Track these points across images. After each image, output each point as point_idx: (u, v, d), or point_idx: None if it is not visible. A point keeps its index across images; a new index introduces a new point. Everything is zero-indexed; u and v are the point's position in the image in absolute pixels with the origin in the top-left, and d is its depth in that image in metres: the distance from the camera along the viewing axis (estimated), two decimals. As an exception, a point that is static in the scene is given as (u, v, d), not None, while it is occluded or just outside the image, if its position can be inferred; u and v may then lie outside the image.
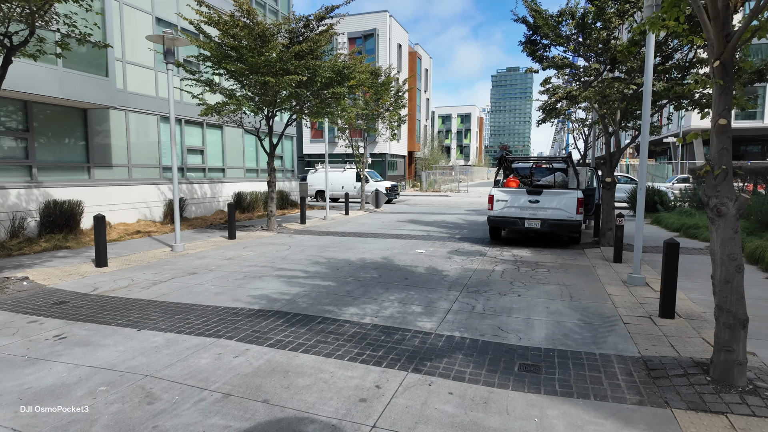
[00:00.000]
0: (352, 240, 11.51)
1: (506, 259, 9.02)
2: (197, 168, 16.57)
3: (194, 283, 7.05)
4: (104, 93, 11.80)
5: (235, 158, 18.41)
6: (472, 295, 6.40)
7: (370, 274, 7.61)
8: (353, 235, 12.47)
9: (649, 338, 4.71)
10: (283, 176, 21.75)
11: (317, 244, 10.89)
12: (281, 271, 7.82)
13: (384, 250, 10.03)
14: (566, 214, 10.03)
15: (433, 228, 13.96)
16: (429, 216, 17.79)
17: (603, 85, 10.11)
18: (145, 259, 8.92)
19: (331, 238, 11.91)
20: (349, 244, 10.78)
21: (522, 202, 10.32)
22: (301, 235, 12.34)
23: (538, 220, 10.22)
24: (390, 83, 18.90)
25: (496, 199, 10.54)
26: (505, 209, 10.47)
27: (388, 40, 45.47)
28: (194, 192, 16.21)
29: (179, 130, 15.72)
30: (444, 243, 11.05)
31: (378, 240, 11.50)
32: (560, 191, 10.17)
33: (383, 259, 8.88)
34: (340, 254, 9.47)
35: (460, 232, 13.16)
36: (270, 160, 13.19)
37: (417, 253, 9.59)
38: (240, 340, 4.59)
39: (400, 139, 49.17)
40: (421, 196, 33.95)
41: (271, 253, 9.66)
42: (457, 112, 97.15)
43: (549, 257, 9.30)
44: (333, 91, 12.00)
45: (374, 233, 12.75)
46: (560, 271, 8.00)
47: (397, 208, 22.29)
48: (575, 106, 16.65)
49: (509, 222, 10.43)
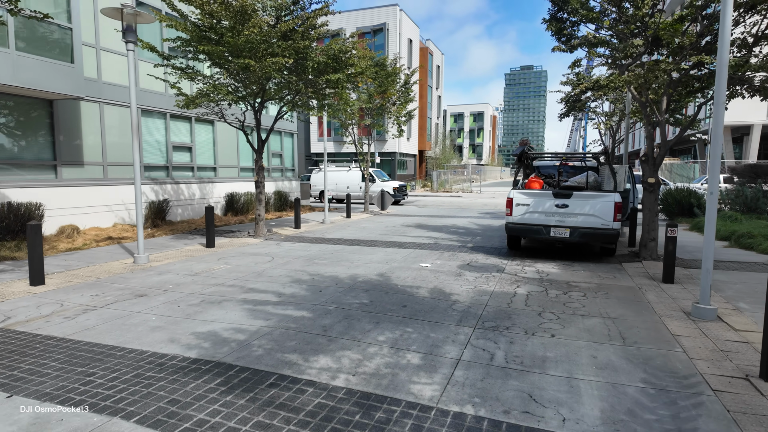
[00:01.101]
0: (347, 249, 9.96)
1: (529, 277, 7.39)
2: (185, 166, 15.18)
3: (135, 311, 5.56)
4: (69, 81, 10.43)
5: (228, 156, 17.01)
6: (490, 333, 4.81)
7: (359, 299, 6.06)
8: (350, 242, 10.93)
9: (764, 425, 3.08)
10: (283, 176, 20.32)
11: (306, 254, 9.37)
12: (250, 294, 6.30)
13: (382, 263, 8.47)
14: (601, 222, 8.36)
15: (441, 234, 12.36)
16: (438, 220, 16.18)
17: (644, 69, 8.43)
18: (95, 275, 7.48)
19: (324, 246, 10.38)
20: (342, 255, 9.24)
21: (547, 207, 8.68)
22: (290, 243, 10.84)
23: (567, 228, 8.57)
24: (396, 74, 17.32)
25: (516, 202, 8.91)
26: (526, 215, 8.83)
27: (398, 34, 43.90)
28: (181, 193, 14.83)
29: (164, 125, 14.35)
30: (454, 254, 9.45)
31: (377, 250, 9.94)
32: (594, 194, 8.50)
33: (379, 277, 7.31)
34: (328, 269, 7.93)
35: (472, 239, 11.54)
36: (257, 157, 11.71)
37: (421, 268, 8.02)
38: (140, 421, 3.07)
39: (410, 138, 47.55)
40: (431, 196, 32.32)
41: (247, 266, 8.17)
42: (469, 111, 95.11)
43: (582, 274, 7.65)
44: (328, 79, 10.46)
45: (374, 241, 11.20)
46: (600, 295, 6.36)
47: (405, 210, 20.71)
48: (603, 98, 14.91)
49: (532, 230, 8.80)
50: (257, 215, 11.72)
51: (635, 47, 8.15)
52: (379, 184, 24.67)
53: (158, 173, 14.23)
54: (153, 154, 14.02)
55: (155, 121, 14.07)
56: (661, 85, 8.31)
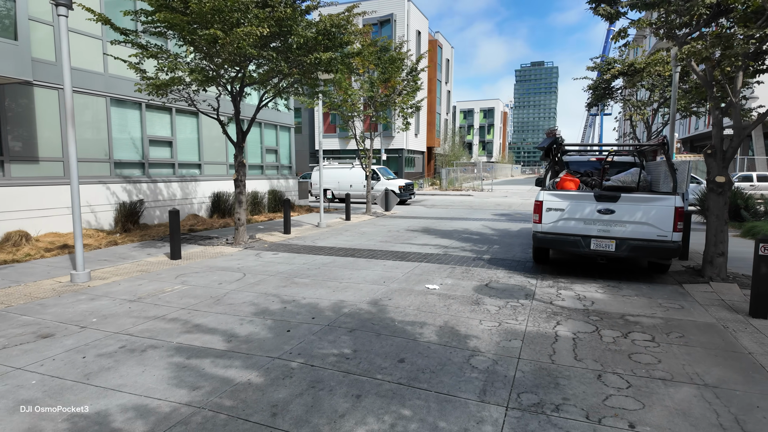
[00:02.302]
0: (338, 263, 8.25)
1: (570, 307, 5.62)
2: (164, 163, 13.57)
3: (17, 365, 3.91)
4: (11, 62, 8.83)
5: (215, 151, 15.37)
6: (532, 419, 3.07)
7: (339, 346, 4.34)
8: (344, 252, 9.22)
9: None
10: (278, 173, 18.67)
11: (286, 269, 7.68)
12: (191, 335, 4.62)
13: (378, 283, 6.74)
14: (657, 232, 6.56)
15: (452, 242, 10.60)
16: (448, 223, 14.41)
17: (707, 41, 6.60)
18: (9, 300, 5.85)
19: (311, 258, 8.68)
20: (330, 271, 7.53)
21: (587, 213, 6.89)
22: (272, 253, 9.15)
23: (612, 240, 6.78)
24: (401, 60, 15.53)
25: (548, 207, 7.13)
26: (561, 222, 7.05)
27: (406, 26, 42.08)
28: (159, 192, 13.22)
29: (139, 117, 12.74)
30: (468, 269, 7.70)
31: (374, 263, 8.21)
32: (648, 196, 6.69)
33: (371, 306, 5.59)
34: (308, 292, 6.23)
35: (488, 248, 9.77)
36: (237, 152, 10.03)
37: (427, 292, 6.28)
38: None
39: (418, 134, 45.73)
40: (440, 195, 30.52)
41: (208, 288, 6.49)
42: (479, 107, 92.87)
43: (636, 302, 5.86)
44: (318, 58, 8.74)
45: (372, 250, 9.48)
46: (674, 339, 4.58)
47: (411, 210, 18.96)
48: (639, 84, 13.01)
49: (567, 242, 7.02)
50: (237, 219, 10.04)
51: (705, 6, 6.30)
52: (384, 183, 22.96)
53: (132, 171, 12.63)
54: (126, 149, 12.42)
55: (128, 112, 12.46)
56: (736, 59, 6.46)
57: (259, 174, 17.48)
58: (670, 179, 7.06)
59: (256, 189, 16.74)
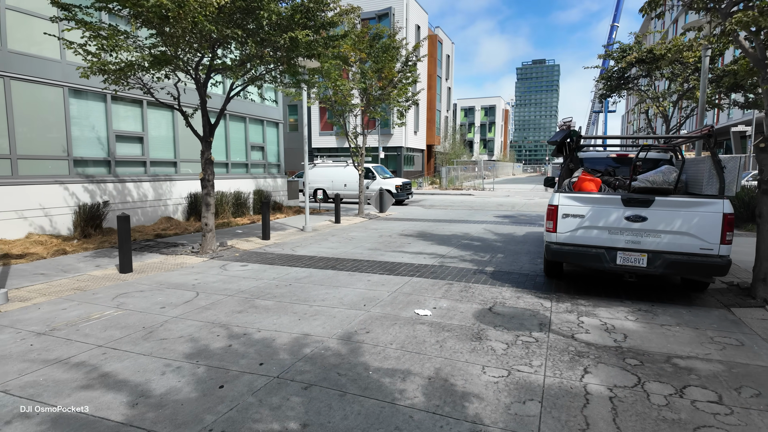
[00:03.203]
0: (315, 277, 7.01)
1: (598, 344, 4.37)
2: (133, 161, 12.33)
3: None
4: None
5: (193, 148, 14.12)
6: None
7: (284, 418, 3.08)
8: (324, 263, 7.99)
9: None
10: (265, 172, 17.42)
11: (250, 287, 6.44)
12: (86, 395, 3.38)
13: (356, 307, 5.50)
14: (701, 244, 5.31)
15: (450, 249, 9.36)
16: (446, 226, 13.16)
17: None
18: None
19: (284, 271, 7.45)
20: (302, 290, 6.29)
21: (613, 220, 5.64)
22: (241, 265, 7.92)
23: (644, 253, 5.53)
24: (396, 48, 14.26)
25: (564, 213, 5.88)
26: (580, 232, 5.80)
27: (404, 20, 40.77)
28: (127, 193, 11.99)
29: (104, 109, 11.50)
30: (467, 286, 6.46)
31: (357, 278, 6.97)
32: (687, 200, 5.44)
33: (341, 344, 4.35)
34: (266, 321, 4.99)
35: (491, 257, 8.54)
36: (204, 147, 8.79)
37: (416, 320, 5.04)
38: None
39: (417, 131, 44.46)
40: (440, 195, 29.27)
41: (147, 312, 5.26)
42: (480, 105, 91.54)
43: (680, 335, 4.62)
44: (293, 38, 7.49)
45: (358, 260, 8.24)
46: (751, 400, 3.33)
47: (408, 211, 17.72)
48: (657, 72, 11.72)
49: (588, 256, 5.77)
50: (204, 225, 8.80)
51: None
52: (380, 182, 21.73)
53: (96, 169, 11.40)
54: (88, 145, 11.19)
55: (90, 104, 11.22)
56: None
57: (243, 173, 16.24)
58: (715, 179, 5.80)
59: (240, 189, 15.50)
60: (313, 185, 23.28)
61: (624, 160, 7.90)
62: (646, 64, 11.06)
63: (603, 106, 52.89)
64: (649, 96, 12.13)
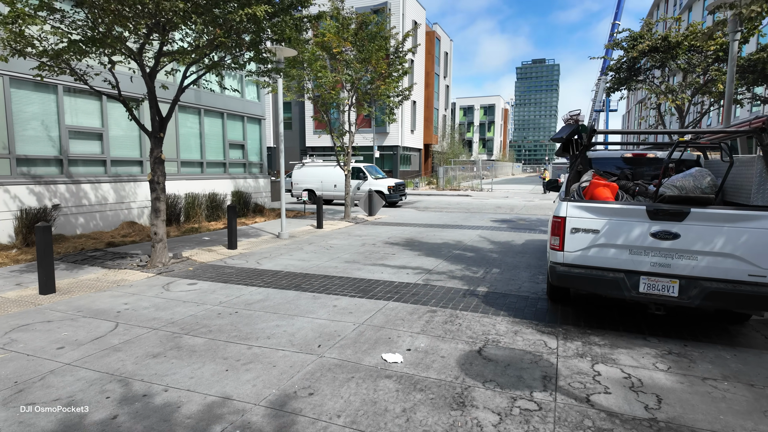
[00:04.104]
0: (270, 302, 5.82)
1: (624, 414, 3.18)
2: (91, 159, 11.12)
3: None
4: None
5: (164, 146, 12.88)
6: None
7: None
8: (289, 281, 6.79)
9: None
10: (246, 172, 16.22)
11: (184, 316, 5.24)
12: None
13: (308, 349, 4.31)
14: (751, 269, 4.13)
15: (438, 262, 8.17)
16: (438, 232, 11.97)
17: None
18: None
19: (237, 291, 6.26)
20: (248, 321, 5.10)
21: (636, 237, 4.45)
22: (189, 283, 6.72)
23: (676, 279, 4.35)
24: (385, 38, 13.06)
25: (573, 226, 4.69)
26: (594, 251, 4.61)
27: (401, 15, 39.65)
28: (83, 196, 10.79)
29: (54, 101, 10.29)
30: (454, 315, 5.27)
31: (321, 302, 5.78)
32: (734, 212, 4.25)
33: (269, 416, 3.15)
34: (182, 374, 3.80)
35: (485, 272, 7.35)
36: (153, 144, 7.59)
37: (381, 371, 3.84)
38: None
39: (414, 130, 43.25)
40: (436, 195, 28.08)
41: (35, 356, 4.06)
42: (480, 104, 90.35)
43: (732, 396, 3.43)
44: (248, 14, 6.30)
45: (329, 276, 7.04)
46: None
47: (400, 215, 16.53)
48: (671, 63, 10.51)
49: (603, 281, 4.58)
50: (152, 234, 7.60)
51: None
52: (371, 183, 20.56)
53: (45, 169, 10.20)
54: (34, 142, 9.98)
55: (38, 96, 10.02)
56: None
57: (220, 173, 15.04)
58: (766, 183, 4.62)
59: (216, 190, 14.30)
60: (302, 186, 22.12)
61: (641, 161, 6.71)
62: (660, 54, 9.88)
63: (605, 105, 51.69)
64: (663, 89, 10.87)
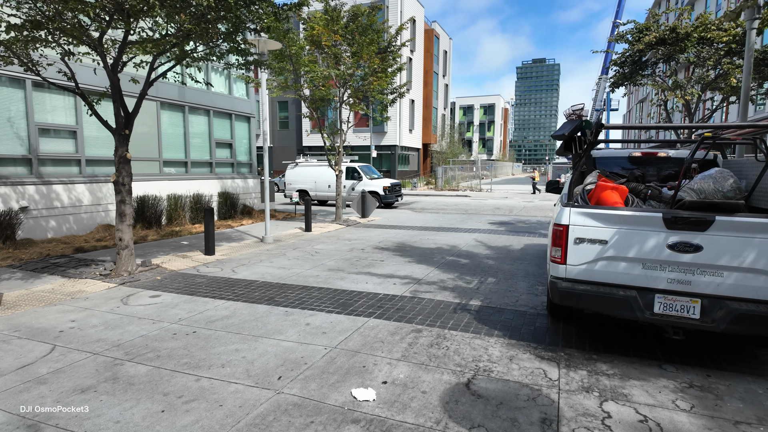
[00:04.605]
0: (236, 318, 5.20)
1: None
2: (64, 159, 10.50)
3: None
4: None
5: (143, 143, 12.30)
6: None
7: None
8: (261, 294, 6.16)
9: None
10: (234, 172, 15.59)
11: (137, 336, 4.61)
12: None
13: (265, 382, 3.69)
14: (788, 289, 3.51)
15: (430, 270, 7.54)
16: (432, 236, 11.34)
17: None
18: None
19: (201, 306, 5.63)
20: (203, 345, 4.47)
21: (650, 249, 3.82)
22: (151, 296, 6.09)
23: (697, 299, 3.73)
24: (378, 32, 12.42)
25: (578, 236, 4.06)
26: (602, 265, 3.98)
27: (399, 12, 39.01)
28: (55, 197, 10.17)
29: (23, 97, 9.67)
30: (441, 336, 4.64)
31: (293, 319, 5.15)
32: (764, 221, 3.62)
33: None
34: (107, 415, 3.16)
35: (480, 282, 6.72)
36: (117, 142, 6.97)
37: (347, 412, 3.21)
38: None
39: (413, 129, 42.60)
40: (434, 196, 27.45)
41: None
42: (479, 103, 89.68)
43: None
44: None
45: (308, 287, 6.42)
46: None
47: (394, 216, 15.90)
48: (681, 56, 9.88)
49: (612, 301, 3.94)
50: (117, 240, 6.97)
51: None
52: (366, 183, 19.95)
53: (12, 169, 9.57)
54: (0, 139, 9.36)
55: (5, 92, 9.39)
56: None
57: (206, 173, 14.41)
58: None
59: (201, 191, 13.68)
60: (295, 186, 21.52)
61: (650, 161, 6.09)
62: (668, 46, 9.25)
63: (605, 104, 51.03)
64: (669, 84, 10.21)
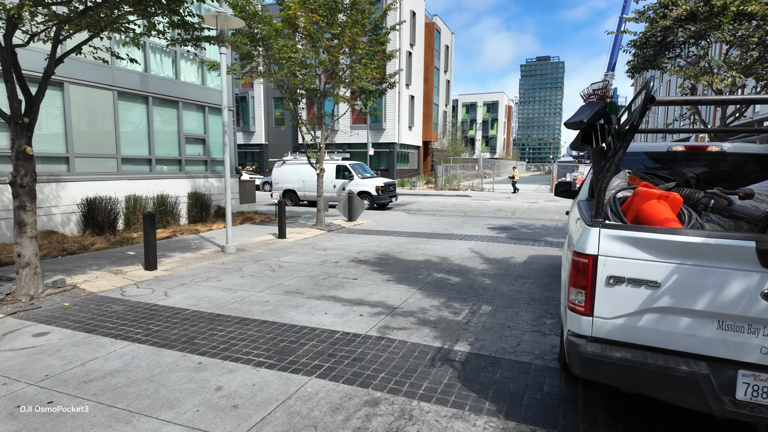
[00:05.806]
0: (126, 374, 3.75)
1: None
2: (-4, 155, 9.10)
3: None
4: None
5: (97, 138, 10.87)
6: None
7: None
8: (180, 332, 4.72)
9: None
10: (208, 170, 14.15)
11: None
12: None
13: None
14: None
15: (410, 293, 6.07)
16: (422, 244, 9.86)
17: None
18: None
19: (92, 351, 4.19)
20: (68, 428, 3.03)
21: (734, 299, 2.33)
22: (38, 331, 4.65)
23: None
24: (361, 11, 10.93)
25: (613, 273, 2.57)
26: (650, 321, 2.49)
27: (398, 5, 37.34)
28: (-17, 199, 8.76)
29: (-59, 83, 8.25)
30: (406, 412, 3.17)
31: (201, 379, 3.70)
32: None
33: None
34: None
35: (471, 311, 5.26)
36: (14, 134, 5.53)
37: None
38: None
39: (412, 127, 41.07)
40: (433, 196, 25.96)
41: None
42: (482, 100, 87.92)
43: None
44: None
45: (247, 320, 4.97)
46: None
47: (386, 219, 14.43)
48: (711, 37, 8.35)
49: (669, 380, 2.47)
50: (16, 257, 5.54)
51: None
52: (358, 182, 18.51)
53: (-73, 166, 8.18)
54: None
55: None
56: None
57: (175, 171, 12.98)
58: None
59: (167, 191, 12.26)
60: (282, 185, 20.14)
61: (697, 155, 4.59)
62: (700, 23, 7.74)
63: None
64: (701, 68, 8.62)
